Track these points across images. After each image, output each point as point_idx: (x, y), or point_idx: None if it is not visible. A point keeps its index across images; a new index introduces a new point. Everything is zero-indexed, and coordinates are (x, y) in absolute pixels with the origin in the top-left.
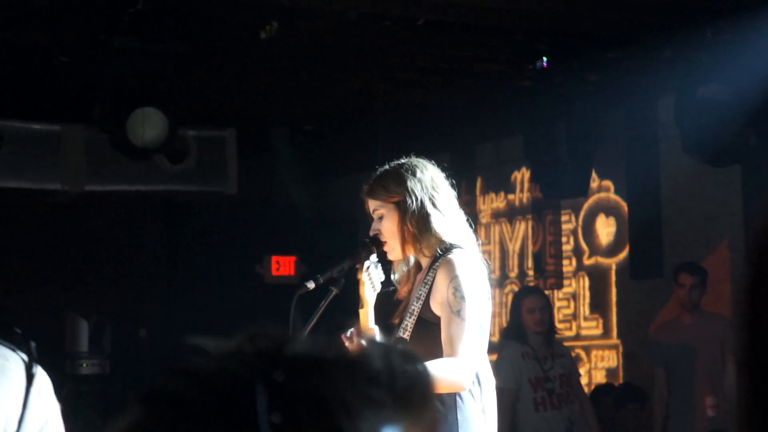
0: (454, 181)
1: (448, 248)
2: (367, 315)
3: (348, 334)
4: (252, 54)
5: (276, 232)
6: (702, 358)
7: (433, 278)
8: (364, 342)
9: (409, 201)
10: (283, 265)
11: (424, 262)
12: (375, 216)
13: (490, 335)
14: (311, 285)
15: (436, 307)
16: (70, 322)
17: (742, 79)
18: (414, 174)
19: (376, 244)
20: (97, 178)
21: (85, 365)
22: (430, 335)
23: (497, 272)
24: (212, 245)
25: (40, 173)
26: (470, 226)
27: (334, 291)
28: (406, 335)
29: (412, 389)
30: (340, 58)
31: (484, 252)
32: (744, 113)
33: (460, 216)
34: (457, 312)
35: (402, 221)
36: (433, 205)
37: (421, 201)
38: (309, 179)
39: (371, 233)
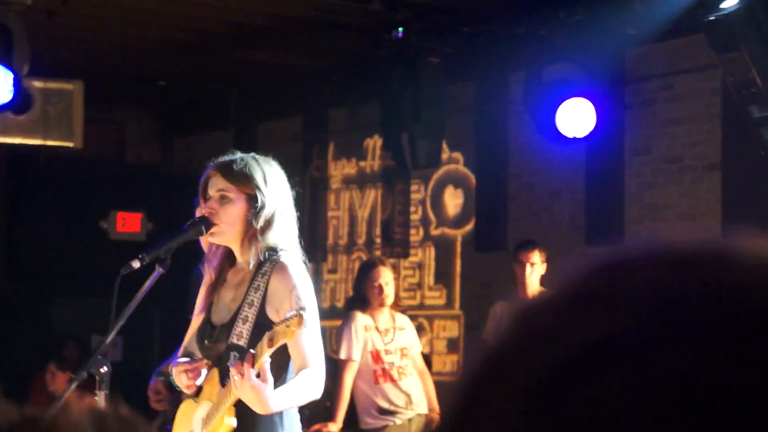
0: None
1: (274, 251)
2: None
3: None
4: (103, 5)
5: (123, 189)
6: None
7: (266, 284)
8: (79, 413)
9: (262, 199)
10: (129, 222)
11: (244, 260)
12: (217, 195)
13: (336, 301)
14: (136, 264)
15: (273, 313)
16: None
17: (590, 59)
18: (274, 174)
19: (206, 224)
20: None
21: None
22: None
23: (345, 239)
24: (56, 200)
25: None
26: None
27: (161, 271)
28: (242, 342)
29: None
30: (195, 15)
31: (333, 218)
32: (589, 92)
33: (294, 219)
34: (304, 321)
35: (249, 214)
36: (281, 213)
37: (274, 205)
38: (160, 136)
39: (205, 211)
